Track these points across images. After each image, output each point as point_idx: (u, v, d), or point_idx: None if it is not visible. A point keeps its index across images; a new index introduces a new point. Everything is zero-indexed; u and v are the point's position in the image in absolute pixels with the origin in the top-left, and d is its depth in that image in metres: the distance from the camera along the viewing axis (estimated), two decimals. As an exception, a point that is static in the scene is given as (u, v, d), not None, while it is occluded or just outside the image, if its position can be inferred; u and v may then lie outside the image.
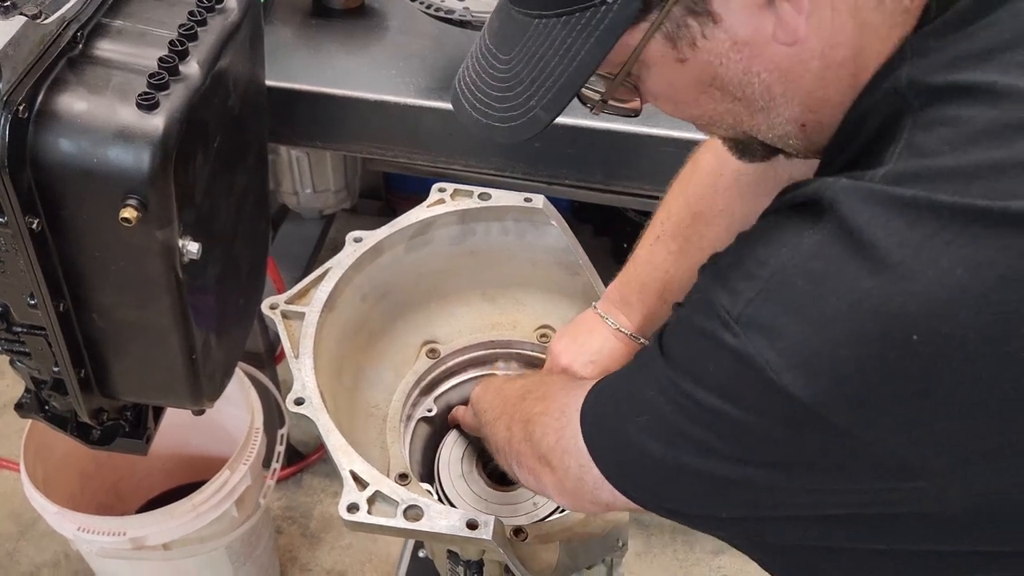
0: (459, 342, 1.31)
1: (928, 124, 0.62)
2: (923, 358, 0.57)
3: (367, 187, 2.74)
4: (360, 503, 0.92)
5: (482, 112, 0.75)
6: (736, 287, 0.65)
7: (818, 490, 0.66)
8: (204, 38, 0.98)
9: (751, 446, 0.66)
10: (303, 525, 2.18)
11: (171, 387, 1.11)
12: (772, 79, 0.69)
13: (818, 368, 0.59)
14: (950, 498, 0.63)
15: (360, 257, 1.19)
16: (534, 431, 0.89)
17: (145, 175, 0.87)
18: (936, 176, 0.59)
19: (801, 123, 0.73)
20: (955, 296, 0.56)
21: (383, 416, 1.21)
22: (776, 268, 0.63)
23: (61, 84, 0.88)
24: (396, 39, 1.55)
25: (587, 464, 0.80)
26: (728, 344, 0.63)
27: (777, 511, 0.70)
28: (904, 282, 0.57)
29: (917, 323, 0.56)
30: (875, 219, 0.59)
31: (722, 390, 0.65)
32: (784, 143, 0.76)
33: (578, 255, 1.27)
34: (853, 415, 0.60)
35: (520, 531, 1.09)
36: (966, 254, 0.56)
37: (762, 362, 0.61)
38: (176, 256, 0.95)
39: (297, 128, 1.46)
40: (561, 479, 0.85)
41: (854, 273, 0.59)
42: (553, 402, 0.89)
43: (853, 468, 0.63)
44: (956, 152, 0.59)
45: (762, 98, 0.71)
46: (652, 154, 1.39)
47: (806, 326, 0.60)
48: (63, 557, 2.12)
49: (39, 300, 0.95)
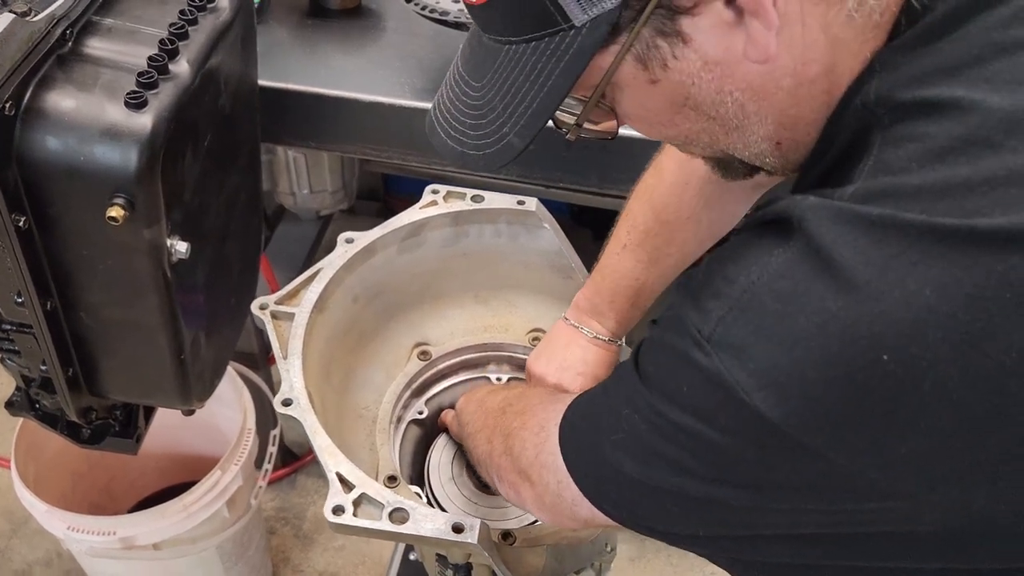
0: (451, 344, 1.30)
1: (896, 140, 0.61)
2: (892, 379, 0.56)
3: (365, 188, 2.74)
4: (346, 505, 0.91)
5: (457, 140, 0.75)
6: (706, 306, 0.64)
7: (792, 510, 0.66)
8: (195, 37, 0.98)
9: (724, 466, 0.65)
10: (296, 526, 2.18)
11: (160, 387, 1.11)
12: (745, 98, 0.69)
13: (787, 389, 0.59)
14: (923, 518, 0.62)
15: (352, 258, 1.19)
16: (513, 445, 0.89)
17: (132, 174, 0.86)
18: (903, 194, 0.58)
19: (776, 141, 0.73)
20: (922, 316, 0.55)
21: (373, 418, 1.21)
22: (745, 286, 0.62)
23: (49, 82, 0.88)
24: (392, 40, 1.54)
25: (565, 480, 0.79)
26: (699, 363, 0.63)
27: (753, 530, 0.70)
28: (871, 303, 0.56)
29: (885, 343, 0.56)
30: (841, 238, 0.58)
31: (695, 410, 0.65)
32: (761, 161, 0.76)
33: (571, 258, 1.27)
34: (824, 436, 0.59)
35: (509, 535, 1.09)
36: (933, 274, 0.55)
37: (733, 382, 0.60)
38: (164, 255, 0.95)
39: (291, 128, 1.46)
40: (540, 494, 0.84)
41: (821, 293, 0.58)
42: (532, 417, 0.89)
43: (825, 488, 0.63)
44: (923, 169, 0.59)
45: (736, 117, 0.71)
46: (647, 157, 1.37)
47: (775, 346, 0.59)
48: (55, 555, 2.11)
49: (26, 298, 0.95)
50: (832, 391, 0.58)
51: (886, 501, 0.61)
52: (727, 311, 0.62)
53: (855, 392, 0.57)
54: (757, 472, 0.64)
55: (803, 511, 0.65)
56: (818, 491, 0.63)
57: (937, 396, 0.56)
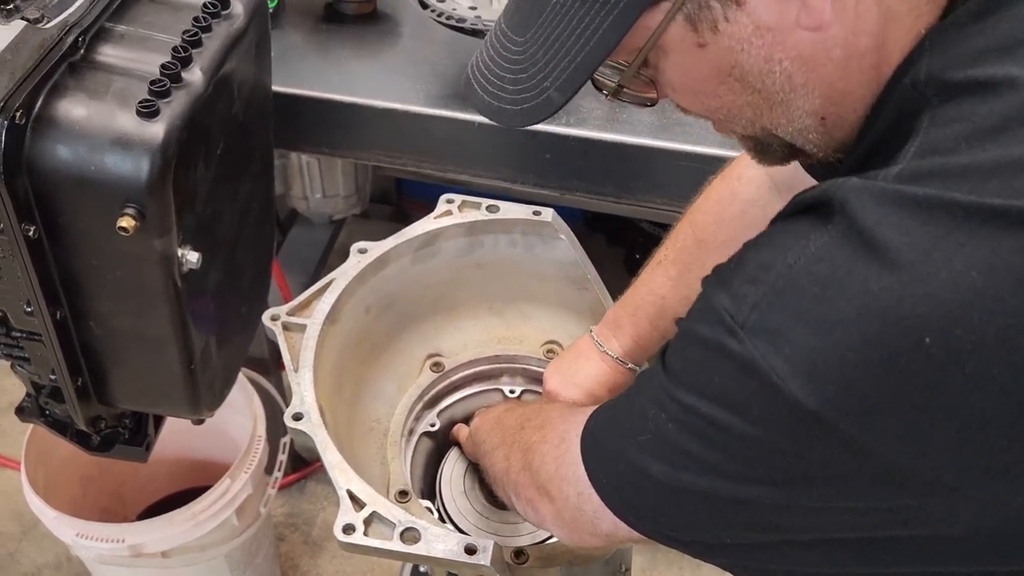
0: (464, 356, 1.29)
1: (945, 121, 0.60)
2: (934, 363, 0.54)
3: (378, 192, 2.73)
4: (357, 524, 0.90)
5: (494, 96, 0.74)
6: (740, 292, 0.62)
7: (823, 509, 0.63)
8: (208, 44, 0.97)
9: (755, 461, 0.63)
10: (305, 532, 2.17)
11: (169, 396, 1.10)
12: (794, 68, 0.67)
13: (825, 374, 0.57)
14: (959, 516, 0.60)
15: (364, 268, 1.17)
16: (532, 460, 0.87)
17: (143, 183, 0.85)
18: (951, 174, 0.57)
19: (821, 116, 0.71)
20: (969, 299, 0.54)
21: (384, 431, 1.19)
22: (782, 271, 0.60)
23: (61, 89, 0.87)
24: (407, 46, 1.53)
25: (586, 492, 0.77)
26: (732, 351, 0.61)
27: (783, 535, 0.67)
28: (915, 284, 0.55)
29: (929, 326, 0.54)
30: (886, 219, 0.57)
31: (726, 400, 0.62)
32: (804, 139, 0.73)
33: (587, 269, 1.25)
34: (860, 423, 0.57)
35: (521, 553, 1.07)
36: (981, 256, 0.54)
37: (767, 369, 0.59)
38: (175, 265, 0.94)
39: (305, 134, 1.45)
40: (560, 509, 0.82)
41: (863, 275, 0.56)
42: (552, 430, 0.87)
43: (859, 481, 0.60)
44: (972, 149, 0.57)
45: (782, 89, 0.69)
46: (664, 167, 1.37)
47: (813, 331, 0.58)
48: (65, 559, 2.11)
49: (35, 307, 0.94)
50: (871, 375, 0.56)
51: (922, 496, 0.59)
52: (762, 296, 0.60)
53: (895, 376, 0.55)
54: (790, 466, 0.62)
55: (836, 511, 0.63)
56: (852, 486, 0.61)
57: (979, 382, 0.54)
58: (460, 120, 1.38)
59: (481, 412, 1.15)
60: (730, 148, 1.34)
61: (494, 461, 0.99)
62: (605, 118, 1.38)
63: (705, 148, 1.34)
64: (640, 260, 2.95)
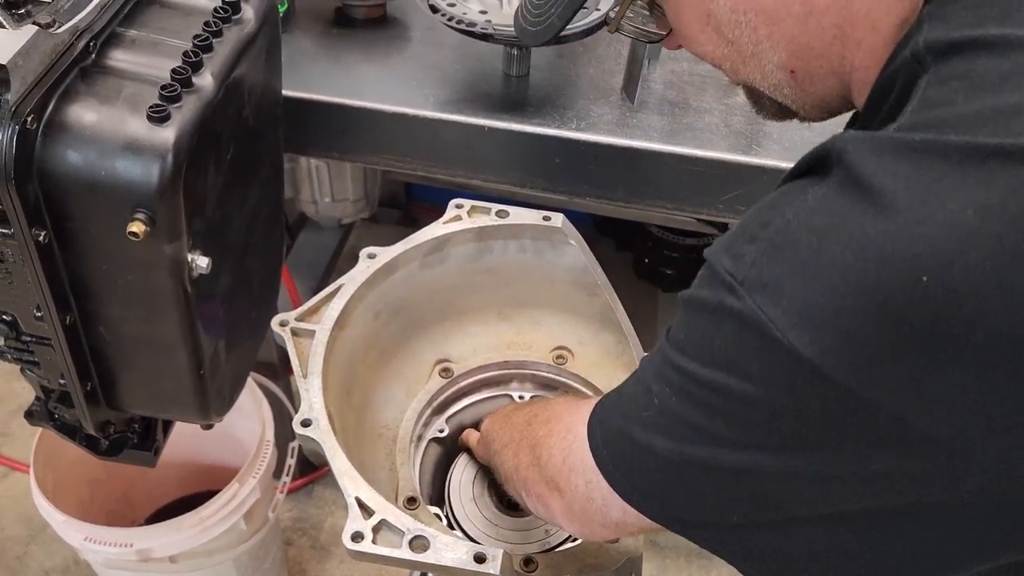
0: (473, 361, 1.28)
1: (943, 79, 0.60)
2: (931, 303, 0.54)
3: (387, 196, 2.73)
4: (365, 532, 0.89)
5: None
6: (740, 251, 0.62)
7: (825, 478, 0.62)
8: (219, 49, 0.97)
9: (756, 426, 0.63)
10: (313, 537, 2.16)
11: (178, 401, 1.10)
12: (758, 20, 0.72)
13: (822, 322, 0.57)
14: (966, 481, 0.59)
15: (373, 274, 1.17)
16: (540, 454, 0.87)
17: (154, 189, 0.85)
18: (947, 123, 0.57)
19: (790, 69, 0.74)
20: (965, 237, 0.53)
21: (393, 437, 1.19)
22: (779, 227, 0.61)
23: (71, 94, 0.87)
24: (417, 50, 1.53)
25: (594, 479, 0.77)
26: (732, 308, 0.61)
27: (789, 510, 0.66)
28: (912, 226, 0.54)
29: (925, 266, 0.54)
30: (882, 167, 0.57)
31: (727, 363, 0.62)
32: (781, 94, 0.78)
33: (597, 275, 1.25)
34: (859, 374, 0.56)
35: (531, 561, 1.06)
36: (977, 195, 0.54)
37: (766, 321, 0.58)
38: (185, 271, 0.94)
39: (314, 139, 1.44)
40: (569, 502, 0.82)
41: (859, 221, 0.56)
42: (559, 423, 0.86)
43: (859, 443, 0.60)
44: (970, 100, 0.58)
45: (750, 41, 0.74)
46: (673, 172, 1.36)
47: (810, 280, 0.57)
48: (73, 563, 2.11)
49: (45, 312, 0.94)
50: (868, 321, 0.55)
51: (926, 458, 0.58)
52: (761, 252, 0.61)
53: (892, 320, 0.55)
54: (791, 429, 0.61)
55: (838, 480, 0.62)
56: (853, 448, 0.60)
57: (978, 323, 0.53)
58: (469, 124, 1.37)
59: (491, 414, 1.15)
60: (739, 153, 1.33)
61: (504, 460, 0.99)
62: (615, 123, 1.38)
63: (714, 153, 1.34)
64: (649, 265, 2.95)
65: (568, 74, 1.49)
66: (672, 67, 1.50)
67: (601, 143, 1.36)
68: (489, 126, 1.37)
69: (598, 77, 1.48)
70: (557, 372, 1.28)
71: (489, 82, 1.45)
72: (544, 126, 1.37)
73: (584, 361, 1.28)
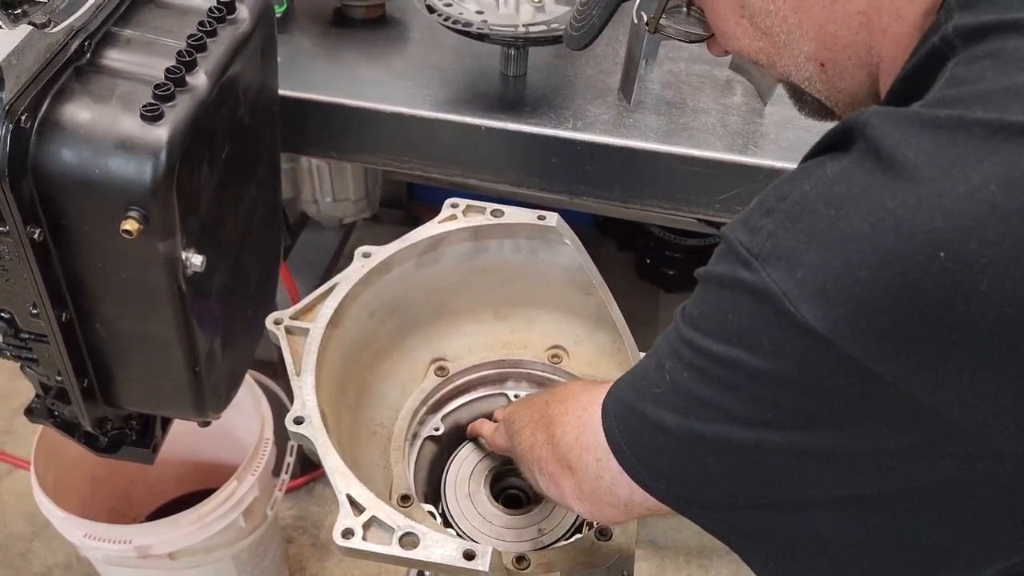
0: (468, 360, 1.29)
1: (971, 59, 0.60)
2: (948, 277, 0.53)
3: (388, 196, 2.73)
4: (355, 528, 0.90)
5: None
6: (756, 224, 0.62)
7: (834, 458, 0.61)
8: (213, 48, 0.97)
9: (766, 402, 0.62)
10: (313, 535, 2.17)
11: (174, 398, 1.11)
12: (787, 8, 0.73)
13: (836, 294, 0.56)
14: (976, 465, 0.58)
15: (368, 273, 1.17)
16: (555, 432, 0.87)
17: (147, 187, 0.86)
18: (975, 99, 0.57)
19: (820, 62, 0.74)
20: (986, 212, 0.52)
21: (388, 435, 1.19)
22: (797, 199, 0.60)
23: (66, 93, 0.88)
24: (416, 51, 1.53)
25: (605, 457, 0.76)
26: (747, 282, 0.60)
27: (795, 491, 0.65)
28: (932, 199, 0.54)
29: (943, 239, 0.53)
30: (905, 140, 0.56)
31: (739, 337, 0.61)
32: (814, 88, 0.78)
33: (592, 275, 1.25)
34: (872, 348, 0.55)
35: (523, 559, 1.07)
36: (1000, 170, 0.53)
37: (779, 294, 0.58)
38: (179, 269, 0.95)
39: (312, 139, 1.45)
40: (580, 480, 0.82)
41: (879, 193, 0.56)
42: (576, 401, 0.86)
43: (872, 419, 0.58)
44: (998, 77, 0.57)
45: (782, 30, 0.74)
46: (670, 172, 1.37)
47: (826, 251, 0.57)
48: (75, 559, 2.12)
49: (40, 310, 0.95)
50: (883, 293, 0.54)
51: (937, 437, 0.57)
52: (778, 225, 0.60)
53: (908, 293, 0.54)
54: (800, 405, 0.60)
55: (850, 458, 0.61)
56: (864, 422, 0.59)
57: (994, 300, 0.52)
58: (467, 124, 1.38)
59: (516, 401, 1.15)
60: (736, 153, 1.34)
61: (522, 439, 0.98)
62: (611, 122, 1.38)
63: (711, 153, 1.34)
64: (651, 265, 2.94)
65: (565, 74, 1.49)
66: (669, 67, 1.51)
67: (598, 143, 1.36)
68: (486, 126, 1.38)
69: (595, 77, 1.49)
70: (552, 371, 1.28)
71: (487, 82, 1.46)
72: (541, 126, 1.37)
73: (579, 360, 1.29)
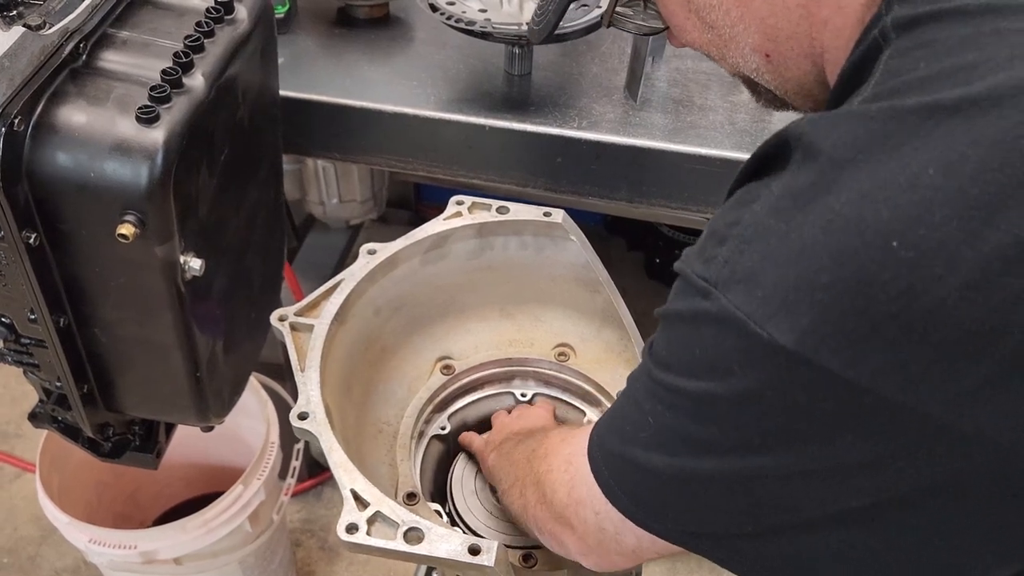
0: (475, 358, 1.28)
1: (903, 51, 0.60)
2: (905, 266, 0.52)
3: (396, 197, 2.73)
4: (360, 523, 0.89)
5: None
6: (711, 254, 0.61)
7: (831, 471, 0.60)
8: (211, 49, 0.96)
9: (748, 428, 0.61)
10: (321, 539, 2.16)
11: (175, 403, 1.09)
12: (730, 2, 0.74)
13: (799, 305, 0.55)
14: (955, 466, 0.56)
15: (374, 269, 1.16)
16: (545, 491, 0.85)
17: (143, 190, 0.85)
18: (908, 88, 0.57)
19: (764, 53, 0.75)
20: (929, 196, 0.52)
21: (394, 433, 1.18)
22: (749, 221, 0.59)
23: (61, 96, 0.87)
24: (419, 50, 1.52)
25: (603, 509, 0.75)
26: (709, 313, 0.59)
27: (798, 513, 0.64)
28: (876, 192, 0.53)
29: (893, 228, 0.52)
30: (842, 139, 0.56)
31: (710, 370, 0.61)
32: (762, 78, 0.78)
33: (598, 272, 1.24)
34: (842, 354, 0.54)
35: (530, 556, 1.06)
36: (937, 154, 0.53)
37: (743, 317, 0.57)
38: (178, 272, 0.94)
39: (316, 140, 1.44)
40: (582, 536, 0.80)
41: (823, 197, 0.55)
42: (556, 456, 0.85)
43: (855, 429, 0.57)
44: (930, 65, 0.57)
45: (726, 24, 0.75)
46: (676, 171, 1.35)
47: (783, 265, 0.56)
48: (83, 564, 2.11)
49: (38, 315, 0.94)
50: (844, 295, 0.54)
51: (923, 437, 0.55)
52: (732, 251, 0.59)
53: (867, 291, 0.53)
54: (782, 426, 0.59)
55: (843, 471, 0.59)
56: (848, 433, 0.57)
57: (952, 283, 0.51)
58: (471, 124, 1.37)
59: (493, 445, 1.12)
60: (744, 150, 1.32)
61: (512, 500, 0.97)
62: (617, 121, 1.37)
63: (718, 151, 1.32)
64: (660, 265, 2.92)
65: (571, 72, 1.48)
66: (676, 65, 1.49)
67: (604, 142, 1.35)
68: (491, 125, 1.36)
69: (601, 75, 1.47)
70: (559, 369, 1.27)
71: (491, 81, 1.45)
72: (546, 125, 1.36)
73: (586, 358, 1.27)
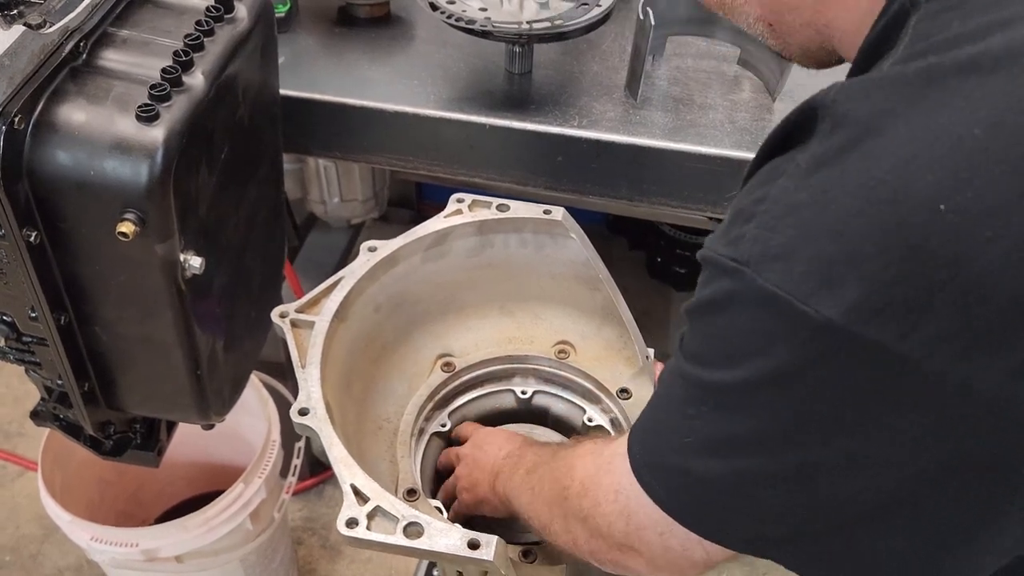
0: (475, 356, 1.28)
1: (933, 13, 0.58)
2: (954, 231, 0.50)
3: (398, 196, 2.73)
4: (359, 518, 0.89)
5: None
6: (737, 234, 0.58)
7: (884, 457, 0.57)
8: (211, 48, 0.96)
9: (801, 415, 0.58)
10: (323, 537, 2.16)
11: (176, 402, 1.10)
12: None
13: (843, 277, 0.53)
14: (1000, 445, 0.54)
15: (374, 267, 1.17)
16: (599, 526, 0.82)
17: (143, 188, 0.85)
18: (942, 46, 0.55)
19: (768, 23, 0.76)
20: (977, 158, 0.51)
21: (394, 430, 1.18)
22: (777, 196, 0.57)
23: (61, 94, 0.87)
24: (420, 49, 1.52)
25: (667, 529, 0.72)
26: (744, 295, 0.57)
27: (854, 505, 0.61)
28: (920, 156, 0.51)
29: (941, 191, 0.50)
30: (879, 105, 0.54)
31: (750, 355, 0.58)
32: (768, 43, 0.79)
33: (598, 269, 1.24)
34: (893, 325, 0.52)
35: (529, 552, 1.06)
36: (983, 114, 0.51)
37: (785, 296, 0.54)
38: (178, 271, 0.94)
39: (316, 138, 1.44)
40: (651, 558, 0.78)
41: (863, 165, 0.53)
42: (598, 488, 0.81)
43: (907, 407, 0.55)
44: (964, 22, 0.55)
45: None
46: (677, 169, 1.35)
47: (823, 238, 0.54)
48: (85, 562, 2.12)
49: (39, 313, 0.94)
50: (892, 264, 0.52)
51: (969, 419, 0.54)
52: (761, 227, 0.57)
53: (917, 257, 0.51)
54: (832, 409, 0.57)
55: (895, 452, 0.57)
56: (901, 414, 0.55)
57: (1002, 247, 0.50)
58: (472, 123, 1.37)
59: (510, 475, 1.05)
60: (744, 149, 1.32)
61: (555, 537, 0.92)
62: (618, 120, 1.37)
63: (718, 150, 1.32)
64: (662, 264, 2.92)
65: (571, 71, 1.48)
66: (677, 63, 1.49)
67: (604, 140, 1.35)
68: (492, 124, 1.36)
69: (601, 74, 1.47)
70: (559, 367, 1.27)
71: (492, 80, 1.45)
72: (547, 124, 1.36)
73: (586, 355, 1.28)
